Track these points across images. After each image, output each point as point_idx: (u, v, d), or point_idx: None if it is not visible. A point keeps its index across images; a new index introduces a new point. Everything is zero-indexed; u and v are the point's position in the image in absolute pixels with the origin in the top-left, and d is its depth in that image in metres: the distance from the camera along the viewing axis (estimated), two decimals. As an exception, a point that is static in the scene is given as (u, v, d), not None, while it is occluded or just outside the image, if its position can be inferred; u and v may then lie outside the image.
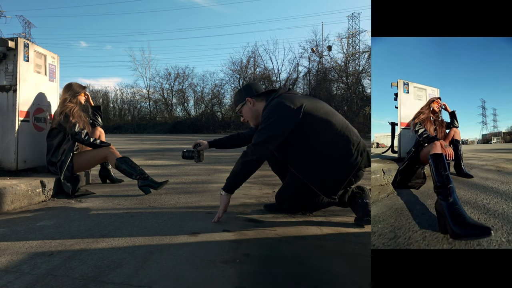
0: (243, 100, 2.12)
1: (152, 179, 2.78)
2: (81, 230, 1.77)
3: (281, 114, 1.89)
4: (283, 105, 1.90)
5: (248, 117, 2.14)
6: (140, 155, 6.19)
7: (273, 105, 1.94)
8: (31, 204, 2.33)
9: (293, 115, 1.88)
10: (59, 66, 3.18)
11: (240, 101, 2.14)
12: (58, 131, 2.80)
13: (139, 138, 16.00)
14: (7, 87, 2.65)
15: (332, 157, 1.91)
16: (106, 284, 1.15)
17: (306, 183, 1.95)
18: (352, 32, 27.13)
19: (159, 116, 30.97)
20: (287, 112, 1.88)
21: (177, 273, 1.25)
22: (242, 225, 1.89)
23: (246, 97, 2.11)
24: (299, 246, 1.57)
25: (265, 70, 27.00)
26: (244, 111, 2.15)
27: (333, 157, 1.91)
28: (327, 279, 1.22)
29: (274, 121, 1.89)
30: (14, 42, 2.65)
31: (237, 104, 2.17)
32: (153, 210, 2.21)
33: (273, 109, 1.92)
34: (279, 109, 1.91)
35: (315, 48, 25.16)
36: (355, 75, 23.55)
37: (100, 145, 2.90)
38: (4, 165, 2.67)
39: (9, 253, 1.44)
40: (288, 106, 1.89)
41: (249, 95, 2.11)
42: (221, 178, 3.54)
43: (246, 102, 2.11)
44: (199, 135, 19.92)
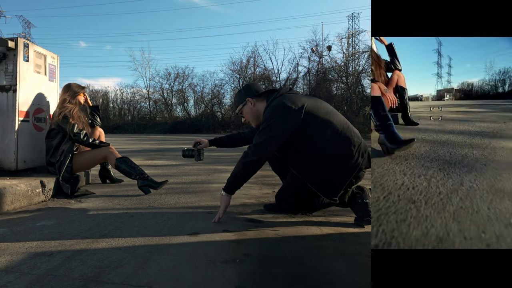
0: (244, 101, 2.12)
1: (152, 179, 2.78)
2: (81, 230, 1.77)
3: (282, 115, 1.88)
4: (284, 106, 1.89)
5: (249, 117, 2.13)
6: (140, 155, 6.19)
7: (274, 105, 1.94)
8: (31, 204, 2.33)
9: (294, 115, 1.87)
10: (59, 66, 3.18)
11: (241, 102, 2.13)
12: (57, 131, 2.79)
13: (139, 138, 15.99)
14: (7, 87, 2.65)
15: (333, 158, 1.91)
16: (106, 284, 1.15)
17: (306, 183, 1.95)
18: (352, 32, 27.14)
19: (159, 116, 30.95)
20: (288, 112, 1.88)
21: (177, 273, 1.25)
22: (242, 225, 1.89)
23: (246, 97, 2.10)
24: (299, 246, 1.57)
25: (265, 70, 26.98)
26: (244, 112, 2.14)
27: (334, 157, 1.91)
28: (327, 279, 1.22)
29: (275, 121, 1.88)
30: (14, 42, 2.65)
31: (237, 105, 2.16)
32: (153, 210, 2.21)
33: (274, 109, 1.91)
34: (280, 109, 1.90)
35: (315, 48, 25.15)
36: (355, 75, 23.54)
37: (99, 146, 2.90)
38: (4, 165, 2.67)
39: (9, 253, 1.44)
40: (290, 106, 1.88)
41: (249, 95, 2.10)
42: (221, 178, 3.54)
43: (247, 102, 2.10)
44: (199, 135, 19.93)
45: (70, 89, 2.91)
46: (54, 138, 2.79)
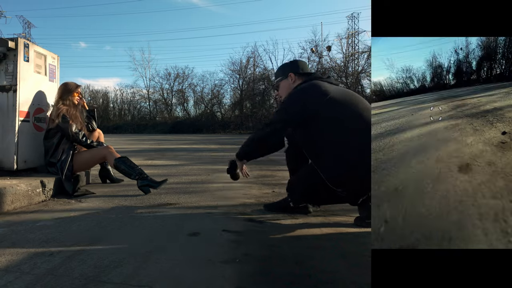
0: (285, 75, 2.11)
1: (152, 178, 2.78)
2: (81, 230, 1.77)
3: (304, 95, 1.91)
4: (310, 88, 1.92)
5: (283, 92, 2.13)
6: (139, 155, 6.19)
7: (302, 87, 1.96)
8: (31, 204, 2.33)
9: (315, 99, 1.88)
10: (59, 66, 3.18)
11: (283, 75, 2.13)
12: (55, 132, 2.79)
13: (139, 138, 15.99)
14: (7, 87, 2.65)
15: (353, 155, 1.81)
16: (106, 284, 1.15)
17: (321, 176, 1.89)
18: (352, 32, 27.16)
19: (159, 116, 30.99)
20: (310, 95, 1.90)
21: (177, 273, 1.25)
22: (242, 225, 1.89)
23: (290, 72, 2.10)
24: (299, 246, 1.57)
25: (265, 70, 27.01)
26: (281, 85, 2.13)
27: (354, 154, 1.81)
28: (327, 279, 1.22)
29: (295, 99, 1.92)
30: (14, 42, 2.65)
31: (277, 77, 2.16)
32: (153, 210, 2.21)
33: (300, 90, 1.94)
34: (305, 90, 1.92)
35: (314, 48, 25.16)
36: (354, 75, 23.56)
37: (97, 147, 2.92)
38: (4, 165, 2.66)
39: (9, 252, 1.44)
40: (315, 90, 1.90)
41: (293, 70, 2.10)
42: (221, 178, 3.54)
43: (288, 77, 2.10)
44: (199, 135, 19.92)
45: (65, 88, 2.91)
46: (53, 138, 2.79)
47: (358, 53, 24.99)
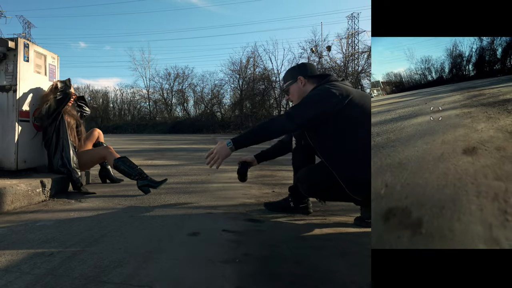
0: (295, 78, 2.08)
1: (151, 178, 2.78)
2: (81, 230, 1.77)
3: (325, 96, 1.85)
4: (329, 90, 1.87)
5: (295, 97, 2.09)
6: (139, 155, 6.19)
7: (320, 89, 1.92)
8: (31, 204, 2.33)
9: (335, 101, 1.84)
10: (59, 66, 3.18)
11: (292, 78, 2.10)
12: (45, 129, 2.80)
13: (138, 138, 15.99)
14: (7, 87, 2.65)
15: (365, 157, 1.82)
16: (106, 284, 1.15)
17: (333, 173, 1.87)
18: (352, 32, 27.16)
19: (159, 116, 31.00)
20: (331, 96, 1.85)
21: (177, 273, 1.25)
22: (242, 225, 1.89)
23: (300, 75, 2.07)
24: (299, 246, 1.57)
25: (265, 70, 27.03)
26: (292, 89, 2.10)
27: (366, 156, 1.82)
28: (327, 279, 1.22)
29: (315, 100, 1.85)
30: (14, 42, 2.65)
31: (286, 81, 2.13)
32: (153, 210, 2.21)
33: (319, 92, 1.89)
34: (325, 92, 1.87)
35: (314, 48, 25.17)
36: (354, 75, 23.56)
37: (62, 104, 2.78)
38: (4, 165, 2.66)
39: (9, 253, 1.44)
40: (334, 92, 1.85)
41: (302, 74, 2.08)
42: (221, 178, 3.54)
43: (297, 80, 2.07)
44: (199, 135, 19.92)
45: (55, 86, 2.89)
46: (52, 138, 2.78)
47: (358, 53, 25.01)
